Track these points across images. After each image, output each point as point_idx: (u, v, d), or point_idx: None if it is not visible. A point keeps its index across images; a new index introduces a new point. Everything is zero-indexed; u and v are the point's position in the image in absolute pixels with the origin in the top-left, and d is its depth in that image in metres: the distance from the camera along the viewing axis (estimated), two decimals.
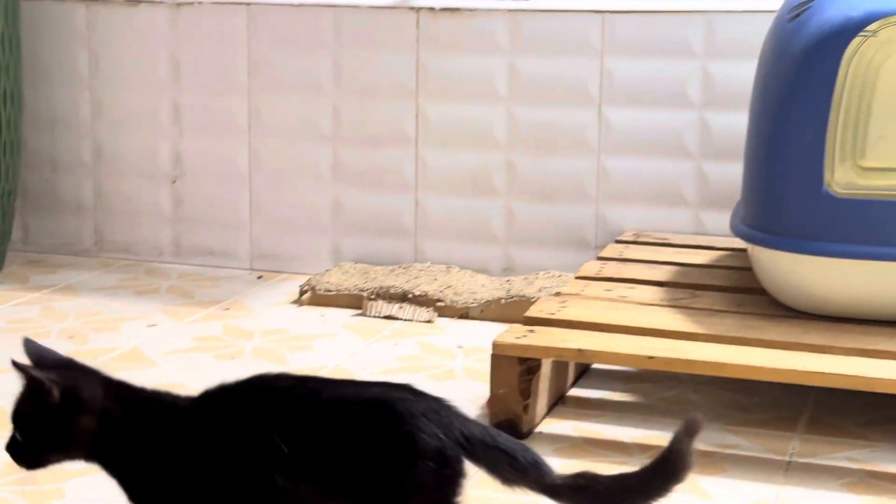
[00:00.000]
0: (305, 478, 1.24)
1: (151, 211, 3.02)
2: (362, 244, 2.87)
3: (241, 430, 1.27)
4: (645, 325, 1.94)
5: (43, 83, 3.03)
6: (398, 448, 1.22)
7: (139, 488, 1.31)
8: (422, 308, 2.54)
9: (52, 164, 3.06)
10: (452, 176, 2.80)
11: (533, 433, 1.89)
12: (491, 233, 2.79)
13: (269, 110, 2.90)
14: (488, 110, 2.76)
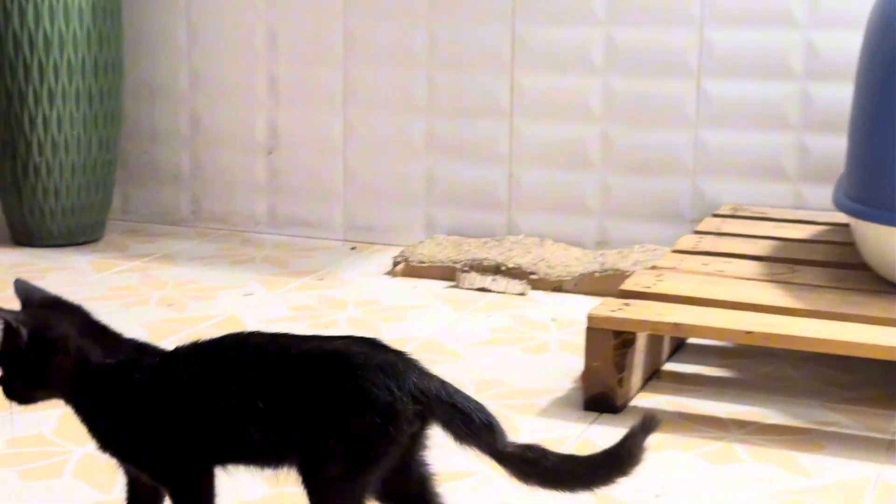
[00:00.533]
0: (276, 430, 1.24)
1: (247, 181, 3.04)
2: (455, 216, 2.86)
3: (216, 385, 1.27)
4: (742, 300, 1.91)
5: (143, 54, 3.06)
6: (348, 399, 1.21)
7: (109, 437, 1.32)
8: (515, 280, 2.53)
9: (152, 134, 3.10)
10: (547, 148, 2.78)
11: (627, 407, 1.88)
12: (585, 205, 2.77)
13: (364, 82, 2.90)
14: (584, 82, 2.72)
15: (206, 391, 1.26)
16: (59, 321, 1.30)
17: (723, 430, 1.79)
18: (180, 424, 1.27)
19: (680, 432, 1.78)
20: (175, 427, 1.28)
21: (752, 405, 1.89)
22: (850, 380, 2.01)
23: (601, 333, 1.85)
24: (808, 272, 2.08)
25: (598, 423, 1.81)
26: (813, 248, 2.24)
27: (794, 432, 1.79)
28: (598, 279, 2.49)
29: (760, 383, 2.00)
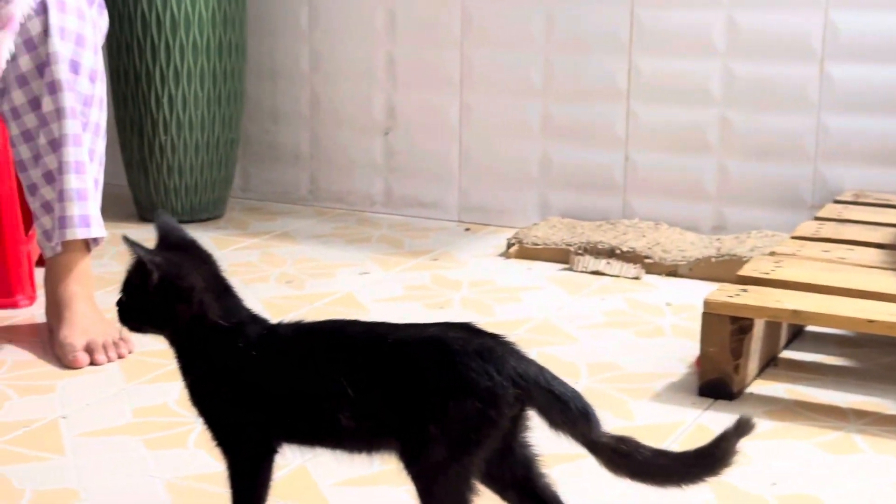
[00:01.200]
0: (367, 417, 1.25)
1: (365, 161, 3.07)
2: (570, 199, 2.86)
3: (309, 368, 1.27)
4: (865, 288, 1.88)
5: (266, 35, 3.11)
6: (447, 384, 1.21)
7: (195, 391, 1.34)
8: (629, 264, 2.52)
9: (273, 114, 3.15)
10: (664, 131, 2.76)
11: (743, 394, 1.86)
12: (702, 190, 2.74)
13: (481, 63, 2.90)
14: (704, 65, 2.69)
15: (300, 373, 1.28)
16: (190, 271, 1.31)
17: (842, 420, 1.76)
18: (266, 400, 1.29)
19: (797, 421, 1.76)
20: (259, 401, 1.29)
21: (873, 395, 1.86)
22: None
23: (718, 319, 1.83)
24: None
25: (712, 410, 1.80)
26: None
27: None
28: (715, 264, 2.46)
29: (881, 373, 1.96)
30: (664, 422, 1.75)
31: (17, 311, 2.26)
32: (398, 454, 1.24)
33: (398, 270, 2.56)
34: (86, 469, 1.61)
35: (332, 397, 1.24)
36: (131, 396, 1.86)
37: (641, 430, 1.71)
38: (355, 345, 1.27)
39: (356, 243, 2.79)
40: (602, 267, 2.52)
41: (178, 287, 1.28)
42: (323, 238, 2.83)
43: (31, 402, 1.85)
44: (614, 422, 1.71)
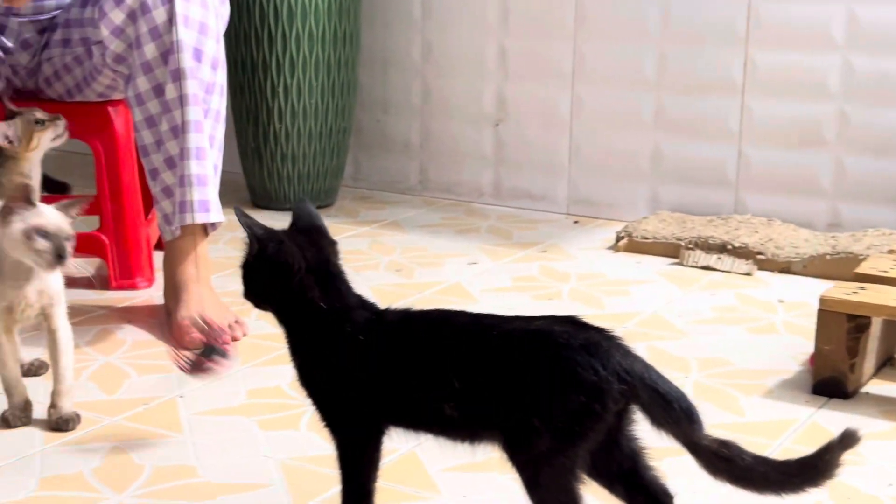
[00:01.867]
0: (471, 408, 1.25)
1: (474, 153, 3.08)
2: (681, 193, 2.84)
3: (415, 357, 1.28)
4: None
5: (379, 26, 3.13)
6: (552, 378, 1.21)
7: (303, 373, 1.35)
8: (741, 260, 2.49)
9: (384, 104, 3.17)
10: (779, 126, 2.72)
11: (858, 393, 1.83)
12: (817, 186, 2.70)
13: (594, 56, 2.89)
14: (822, 59, 2.65)
15: (406, 361, 1.28)
16: (296, 251, 1.32)
17: None
18: (371, 385, 1.30)
19: None
20: (364, 386, 1.30)
21: None
22: None
23: (834, 317, 1.81)
24: None
25: (826, 408, 1.77)
26: None
27: None
28: (830, 262, 2.43)
29: None
30: (776, 419, 1.73)
31: (137, 293, 2.31)
32: (502, 445, 1.25)
33: (506, 261, 2.56)
34: (202, 446, 1.66)
35: (437, 387, 1.25)
36: (246, 378, 1.89)
37: (752, 426, 1.71)
38: (461, 335, 1.27)
39: (465, 233, 2.80)
40: (713, 262, 2.50)
41: (275, 263, 1.30)
42: (432, 228, 2.85)
43: (150, 380, 1.90)
44: (725, 418, 1.73)
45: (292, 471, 1.58)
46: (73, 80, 2.19)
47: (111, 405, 1.80)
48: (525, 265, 2.53)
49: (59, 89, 2.22)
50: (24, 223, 1.60)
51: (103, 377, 1.91)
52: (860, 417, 1.74)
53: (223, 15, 2.10)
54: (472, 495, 1.54)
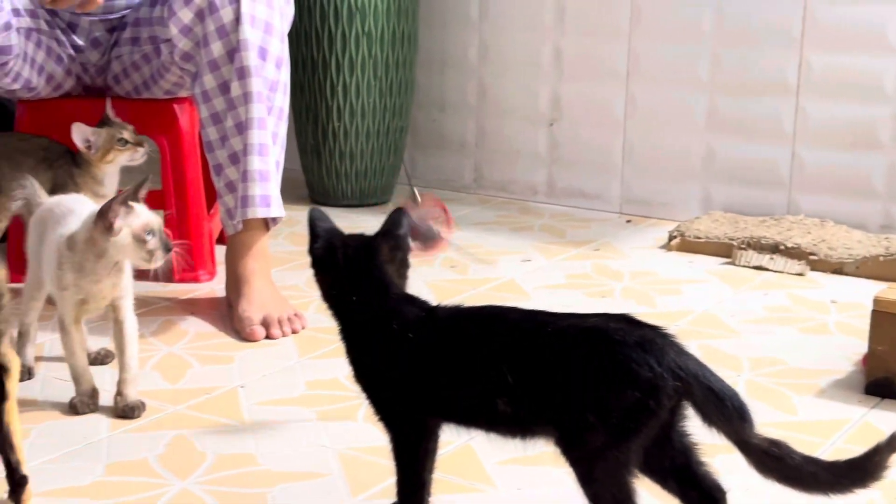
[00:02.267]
0: (525, 404, 1.25)
1: (528, 152, 3.09)
2: (733, 193, 2.83)
3: (469, 353, 1.28)
4: None
5: (437, 26, 3.14)
6: (608, 375, 1.21)
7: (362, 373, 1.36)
8: (793, 260, 2.49)
9: (440, 103, 3.19)
10: (833, 128, 2.70)
11: None
12: (871, 188, 2.68)
13: (649, 56, 2.89)
14: (878, 61, 2.63)
15: (458, 357, 1.29)
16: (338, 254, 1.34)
17: None
18: (422, 381, 1.31)
19: None
20: (415, 382, 1.31)
21: None
22: None
23: (888, 317, 1.79)
24: None
25: (878, 409, 1.77)
26: None
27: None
28: (883, 263, 2.41)
29: None
30: (829, 418, 1.73)
31: (199, 285, 2.34)
32: (556, 440, 1.25)
33: (560, 259, 2.57)
34: (262, 436, 1.69)
35: (490, 383, 1.26)
36: (304, 370, 1.92)
37: (805, 425, 1.71)
38: (515, 331, 1.27)
39: (518, 231, 2.81)
40: (765, 262, 2.50)
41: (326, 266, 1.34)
42: (486, 225, 2.86)
43: (212, 371, 1.93)
44: (777, 417, 1.73)
45: (350, 461, 1.60)
46: (141, 78, 2.22)
47: (175, 394, 1.83)
48: (578, 263, 2.54)
49: (127, 86, 2.25)
50: (130, 226, 1.64)
51: (167, 367, 1.94)
52: None
53: (288, 15, 2.12)
54: (527, 488, 1.55)
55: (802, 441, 1.62)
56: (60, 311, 1.73)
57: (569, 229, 2.83)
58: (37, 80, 2.16)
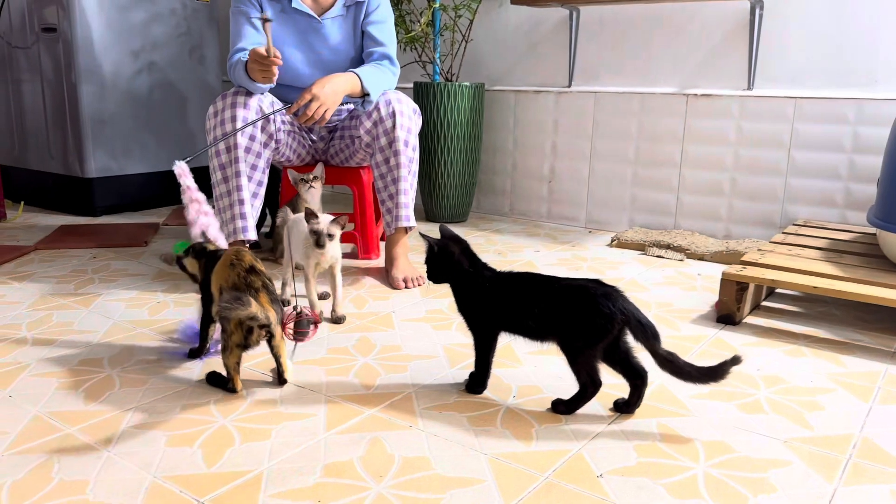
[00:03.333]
0: (543, 324, 1.23)
1: (537, 196, 3.03)
2: (645, 218, 2.78)
3: (515, 296, 1.25)
4: (811, 269, 1.81)
5: (492, 129, 3.08)
6: (587, 311, 1.19)
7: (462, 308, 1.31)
8: (678, 252, 2.46)
9: (493, 169, 3.11)
10: (701, 185, 2.64)
11: (742, 322, 1.81)
12: (718, 216, 2.63)
13: (603, 147, 2.82)
14: (723, 149, 2.57)
15: (510, 298, 1.26)
16: (450, 245, 1.31)
17: (795, 340, 1.71)
18: (493, 310, 1.28)
19: (771, 338, 1.71)
20: (489, 310, 1.28)
21: (813, 327, 1.79)
22: (871, 317, 1.87)
23: (729, 282, 1.80)
24: (849, 257, 1.93)
25: (725, 330, 1.76)
26: (852, 244, 2.07)
27: (836, 343, 1.69)
28: (725, 254, 2.38)
29: (817, 316, 1.88)
30: (697, 335, 1.72)
31: (371, 261, 2.32)
32: (558, 344, 1.25)
33: (554, 251, 2.54)
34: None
35: (526, 312, 1.25)
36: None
37: (685, 338, 1.69)
38: (539, 285, 1.26)
39: (532, 236, 2.77)
40: (663, 253, 2.48)
41: (446, 252, 1.32)
42: (515, 233, 2.82)
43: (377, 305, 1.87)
44: (671, 333, 1.72)
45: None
46: (345, 155, 2.22)
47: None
48: (564, 253, 2.51)
49: (337, 160, 2.25)
50: (308, 226, 1.66)
51: (354, 300, 1.88)
52: (741, 335, 1.72)
53: (418, 124, 2.11)
54: (541, 366, 1.50)
55: (685, 347, 1.62)
56: (305, 272, 1.74)
57: (559, 235, 2.80)
58: (292, 156, 2.18)
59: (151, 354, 1.51)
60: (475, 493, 1.03)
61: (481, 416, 1.26)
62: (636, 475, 1.10)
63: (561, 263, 2.37)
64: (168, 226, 2.81)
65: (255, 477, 1.06)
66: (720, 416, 1.29)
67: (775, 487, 1.07)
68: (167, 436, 1.17)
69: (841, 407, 1.34)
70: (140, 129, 3.03)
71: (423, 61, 2.98)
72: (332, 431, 1.20)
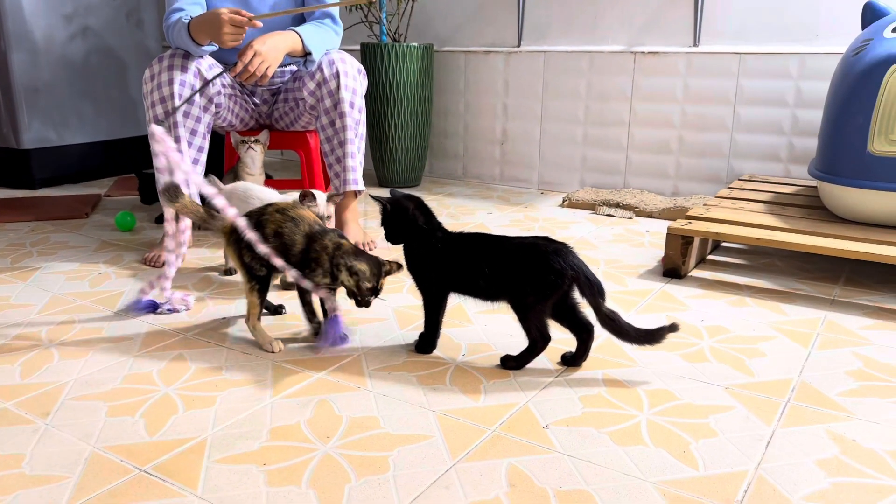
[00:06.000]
0: (494, 283, 1.23)
1: (490, 158, 3.02)
2: (596, 178, 2.78)
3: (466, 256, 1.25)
4: (754, 222, 1.84)
5: (442, 92, 3.05)
6: (539, 267, 1.20)
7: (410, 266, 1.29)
8: (627, 211, 2.48)
9: (445, 133, 3.09)
10: (649, 143, 2.65)
11: (687, 276, 1.84)
12: (666, 174, 2.66)
13: (553, 107, 2.81)
14: (670, 106, 2.60)
15: (462, 257, 1.26)
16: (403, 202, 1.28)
17: (738, 291, 1.74)
18: (443, 270, 1.27)
19: (715, 290, 1.74)
20: (440, 270, 1.27)
21: (756, 278, 1.83)
22: (812, 267, 1.91)
23: (675, 237, 1.82)
24: (792, 209, 1.97)
25: (671, 284, 1.78)
26: (794, 197, 2.11)
27: (778, 293, 1.73)
28: (672, 211, 2.41)
29: (761, 268, 1.92)
30: (644, 289, 1.74)
31: None
32: (509, 301, 1.25)
33: (507, 212, 2.53)
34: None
35: (477, 272, 1.25)
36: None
37: (632, 292, 1.70)
38: (490, 244, 1.26)
39: (486, 199, 2.76)
40: (612, 212, 2.49)
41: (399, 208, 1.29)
42: (469, 196, 2.81)
43: None
44: (618, 288, 1.73)
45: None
46: (289, 119, 2.17)
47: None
48: (517, 214, 2.51)
49: (282, 124, 2.20)
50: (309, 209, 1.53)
51: None
52: (687, 288, 1.74)
53: (364, 85, 2.06)
54: (492, 324, 1.49)
55: (632, 301, 1.63)
56: None
57: (512, 197, 2.79)
58: (234, 120, 2.13)
59: (93, 325, 1.47)
60: (423, 449, 1.03)
61: (431, 374, 1.26)
62: (581, 425, 1.11)
63: (513, 224, 2.37)
64: (110, 197, 2.73)
65: (198, 443, 1.04)
66: (664, 366, 1.32)
67: (716, 432, 1.09)
68: (108, 406, 1.14)
69: (781, 353, 1.37)
70: (77, 97, 2.92)
71: (369, 22, 2.92)
72: (278, 396, 1.18)
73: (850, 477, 0.98)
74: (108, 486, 0.95)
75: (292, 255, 1.29)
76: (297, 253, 1.28)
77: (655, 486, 0.96)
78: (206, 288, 1.71)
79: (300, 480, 0.96)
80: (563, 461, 1.01)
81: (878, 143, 1.73)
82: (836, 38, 2.30)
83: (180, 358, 1.32)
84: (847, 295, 1.70)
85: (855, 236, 1.70)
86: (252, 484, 0.95)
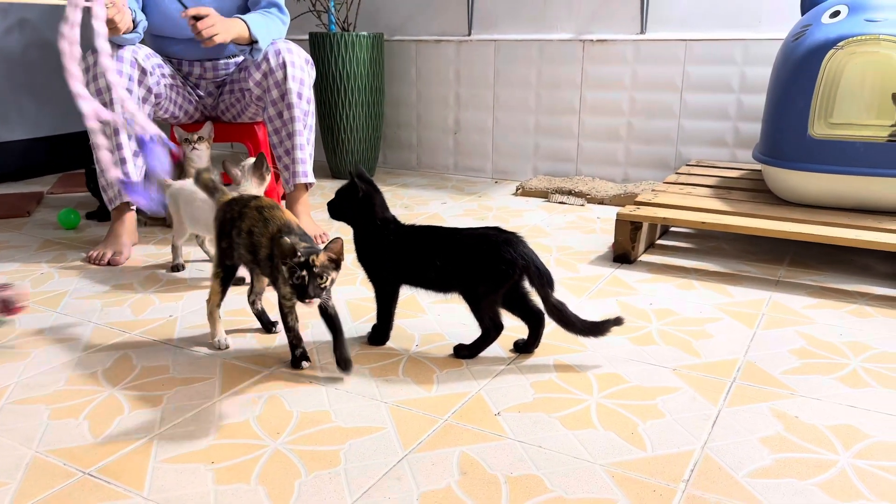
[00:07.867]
0: (445, 275, 1.23)
1: (444, 148, 3.01)
2: (548, 166, 2.80)
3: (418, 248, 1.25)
4: (701, 206, 1.87)
5: (394, 83, 3.04)
6: (490, 258, 1.20)
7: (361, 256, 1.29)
8: (578, 198, 2.50)
9: (398, 124, 3.07)
10: (599, 131, 2.67)
11: (637, 261, 1.86)
12: (616, 160, 2.69)
13: (505, 96, 2.82)
14: (620, 94, 2.63)
15: (413, 250, 1.26)
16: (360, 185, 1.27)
17: (686, 274, 1.76)
18: (396, 262, 1.27)
19: (664, 274, 1.76)
20: (392, 262, 1.27)
21: (703, 261, 1.86)
22: (757, 249, 1.95)
23: (624, 223, 1.84)
24: (738, 193, 2.01)
25: (620, 269, 1.80)
26: (741, 181, 2.16)
27: (724, 275, 1.76)
28: (622, 198, 2.44)
29: (708, 251, 1.96)
30: (595, 275, 1.75)
31: None
32: (461, 292, 1.25)
33: (461, 202, 2.53)
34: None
35: (428, 264, 1.25)
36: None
37: (583, 278, 1.72)
38: (441, 237, 1.26)
39: (440, 189, 2.76)
40: (564, 199, 2.51)
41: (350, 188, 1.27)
42: (423, 186, 2.80)
43: None
44: (568, 274, 1.74)
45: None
46: (236, 111, 2.14)
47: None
48: (471, 204, 2.51)
49: (228, 116, 2.17)
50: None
51: None
52: (636, 272, 1.76)
53: (312, 75, 2.04)
54: (445, 314, 1.49)
55: (583, 286, 1.64)
56: (206, 239, 1.65)
57: (466, 187, 2.79)
58: (178, 112, 2.09)
59: (35, 327, 1.43)
60: (375, 441, 1.03)
61: (383, 366, 1.26)
62: (532, 411, 1.12)
63: (467, 214, 2.36)
64: (54, 194, 2.64)
65: (144, 444, 1.02)
66: (614, 350, 1.33)
67: (663, 413, 1.11)
68: (51, 409, 1.12)
69: (727, 334, 1.40)
70: (17, 92, 2.81)
71: (317, 10, 2.87)
72: (227, 393, 1.16)
73: (793, 453, 1.00)
74: (51, 490, 0.93)
75: (260, 258, 1.23)
76: (264, 258, 1.22)
77: (605, 468, 0.98)
78: (152, 286, 1.67)
79: (249, 477, 0.95)
80: (514, 447, 1.02)
81: (819, 126, 1.77)
82: (779, 24, 2.35)
83: (126, 357, 1.29)
84: (791, 276, 1.74)
85: (798, 218, 1.74)
86: (200, 483, 0.94)
